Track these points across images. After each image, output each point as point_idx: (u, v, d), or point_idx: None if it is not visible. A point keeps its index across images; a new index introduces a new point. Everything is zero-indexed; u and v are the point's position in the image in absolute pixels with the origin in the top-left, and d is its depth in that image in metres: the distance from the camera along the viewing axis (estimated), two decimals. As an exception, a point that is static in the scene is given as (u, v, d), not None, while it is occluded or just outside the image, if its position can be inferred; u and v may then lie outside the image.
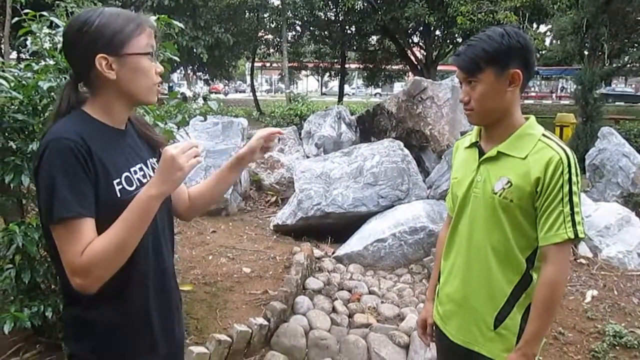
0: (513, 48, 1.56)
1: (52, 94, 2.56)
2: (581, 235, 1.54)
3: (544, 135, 1.62)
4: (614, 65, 19.61)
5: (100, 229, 1.28)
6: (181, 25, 3.13)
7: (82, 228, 1.25)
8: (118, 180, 1.35)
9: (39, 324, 2.71)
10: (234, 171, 1.70)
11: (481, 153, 1.72)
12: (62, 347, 2.90)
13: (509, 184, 1.60)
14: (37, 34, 2.80)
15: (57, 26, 2.81)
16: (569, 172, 1.53)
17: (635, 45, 21.55)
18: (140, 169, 1.45)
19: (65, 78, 2.57)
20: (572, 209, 1.53)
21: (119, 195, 1.34)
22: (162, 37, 3.15)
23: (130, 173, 1.40)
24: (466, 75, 1.63)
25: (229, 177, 1.70)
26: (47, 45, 2.78)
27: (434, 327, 1.96)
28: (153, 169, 1.50)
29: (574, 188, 1.54)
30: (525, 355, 1.59)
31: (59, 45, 2.71)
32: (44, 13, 2.89)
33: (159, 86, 1.46)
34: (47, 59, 2.72)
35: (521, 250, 1.63)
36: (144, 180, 1.42)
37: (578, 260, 4.46)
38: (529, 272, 1.65)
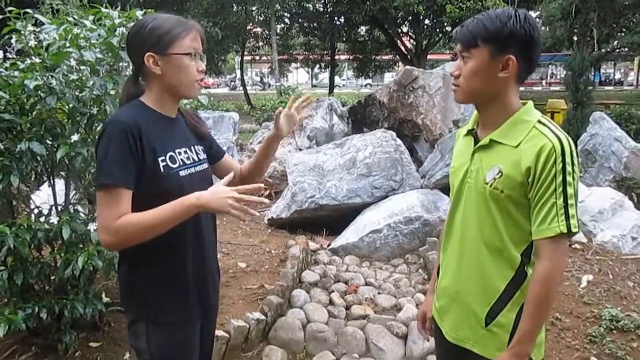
0: (516, 34, 1.48)
1: (39, 92, 2.52)
2: (574, 230, 1.44)
3: (539, 121, 1.53)
4: (603, 50, 19.66)
5: (144, 197, 1.55)
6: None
7: (119, 196, 1.51)
8: (163, 157, 1.61)
9: (34, 325, 2.69)
10: (271, 148, 1.98)
11: (476, 141, 1.65)
12: (56, 348, 2.89)
13: (500, 174, 1.53)
14: (22, 32, 2.75)
15: (42, 23, 2.77)
16: (563, 160, 1.44)
17: (624, 30, 21.63)
18: (185, 152, 1.70)
19: (52, 76, 2.54)
20: (565, 200, 1.44)
21: (162, 170, 1.60)
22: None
23: (175, 153, 1.65)
24: (462, 47, 1.56)
25: (268, 154, 1.99)
26: (32, 43, 2.73)
27: (433, 321, 1.90)
28: (197, 153, 1.76)
29: (569, 178, 1.44)
30: (517, 355, 1.51)
31: (45, 43, 2.67)
32: (29, 10, 2.84)
33: (200, 82, 1.68)
34: (33, 57, 2.67)
35: (515, 245, 1.56)
36: (187, 162, 1.69)
37: (573, 246, 4.47)
38: (524, 268, 1.56)
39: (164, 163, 1.61)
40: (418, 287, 4.10)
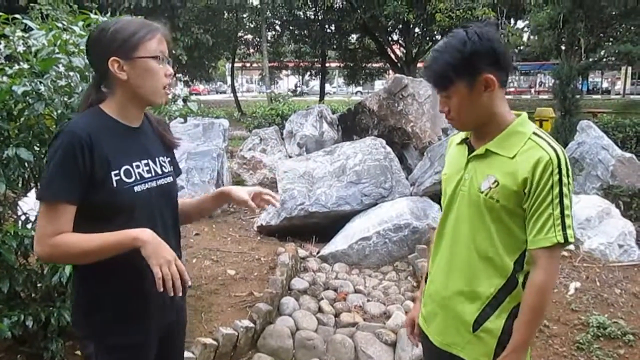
0: (479, 53, 1.48)
1: (27, 98, 2.50)
2: (571, 240, 1.48)
3: (534, 133, 1.55)
4: (591, 59, 19.88)
5: (92, 210, 1.48)
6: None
7: (59, 212, 1.44)
8: (117, 172, 1.51)
9: (19, 333, 2.66)
10: (216, 203, 1.87)
11: (470, 150, 1.66)
12: (43, 357, 2.85)
13: (496, 184, 1.54)
14: (11, 38, 2.73)
15: (31, 29, 2.76)
16: (559, 172, 1.47)
17: (611, 39, 21.91)
18: (146, 164, 1.60)
19: (40, 82, 2.53)
20: (562, 211, 1.47)
21: (114, 185, 1.50)
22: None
23: (132, 166, 1.55)
24: (437, 90, 1.58)
25: (212, 207, 1.90)
26: (20, 48, 2.72)
27: (419, 328, 1.90)
28: (161, 165, 1.66)
29: (565, 190, 1.47)
30: None
31: (33, 49, 2.66)
32: (17, 16, 2.83)
33: (168, 88, 1.60)
34: (21, 63, 2.66)
35: (508, 253, 1.57)
36: (146, 175, 1.59)
37: (561, 253, 4.50)
38: (514, 276, 1.58)
39: (117, 177, 1.51)
40: (407, 295, 4.11)
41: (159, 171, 1.64)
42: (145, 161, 1.60)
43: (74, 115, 1.63)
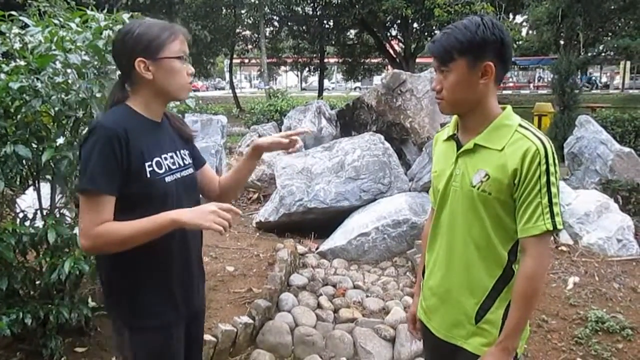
0: (488, 40, 1.53)
1: (24, 95, 2.50)
2: (559, 227, 1.52)
3: (520, 125, 1.60)
4: (589, 54, 19.85)
5: (128, 201, 1.56)
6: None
7: (101, 202, 1.52)
8: (149, 163, 1.60)
9: (18, 331, 2.66)
10: (252, 159, 1.93)
11: (459, 146, 1.69)
12: (42, 354, 2.86)
13: (487, 177, 1.58)
14: (7, 35, 2.72)
15: (28, 26, 2.75)
16: (547, 162, 1.51)
17: (610, 34, 21.85)
18: (171, 156, 1.70)
19: (37, 79, 2.52)
20: (550, 200, 1.51)
21: (148, 175, 1.59)
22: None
23: (161, 158, 1.65)
24: (439, 63, 1.60)
25: (249, 166, 1.95)
26: (17, 45, 2.71)
27: (420, 322, 1.93)
28: (182, 157, 1.76)
29: (552, 178, 1.51)
30: (505, 349, 1.57)
31: (30, 46, 2.65)
32: (14, 13, 2.82)
33: (190, 85, 1.70)
34: (18, 60, 2.65)
35: (502, 244, 1.61)
36: (173, 167, 1.68)
37: (559, 248, 4.50)
38: (511, 266, 1.63)
39: (151, 168, 1.60)
40: (406, 290, 4.11)
41: (182, 163, 1.74)
42: (171, 153, 1.71)
43: (100, 113, 1.74)
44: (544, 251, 1.56)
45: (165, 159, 1.67)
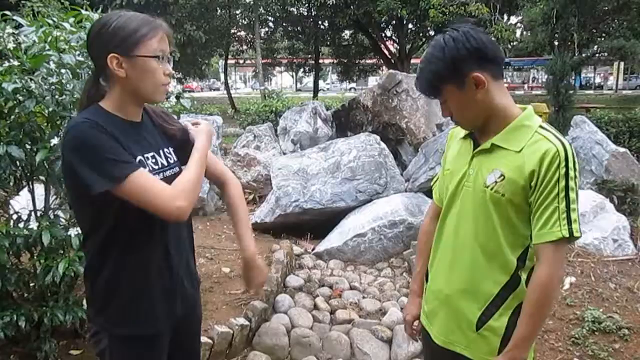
0: (458, 57, 1.48)
1: (18, 95, 2.47)
2: (577, 234, 1.44)
3: (541, 126, 1.53)
4: (584, 55, 19.93)
5: (105, 200, 1.42)
6: None
7: (146, 174, 1.45)
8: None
9: (12, 334, 2.64)
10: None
11: (476, 145, 1.63)
12: (36, 357, 2.83)
13: (502, 177, 1.51)
14: (0, 35, 2.70)
15: (21, 26, 2.72)
16: (566, 165, 1.44)
17: (604, 35, 21.94)
18: (152, 156, 1.60)
19: (31, 79, 2.50)
20: (567, 205, 1.43)
21: None
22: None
23: (143, 157, 1.55)
24: (433, 98, 1.60)
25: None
26: (10, 45, 2.68)
27: (421, 327, 1.87)
28: (166, 157, 1.66)
29: (571, 183, 1.44)
30: (513, 359, 1.51)
31: (23, 46, 2.63)
32: (7, 13, 2.79)
33: (167, 86, 1.59)
34: (12, 60, 2.62)
35: (512, 249, 1.54)
36: (155, 167, 1.58)
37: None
38: (518, 273, 1.55)
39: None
40: (403, 291, 4.10)
41: (165, 163, 1.64)
42: (152, 154, 1.60)
43: (78, 114, 1.55)
44: (559, 259, 1.48)
45: (147, 158, 1.57)
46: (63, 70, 2.64)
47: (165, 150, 1.67)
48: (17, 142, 2.50)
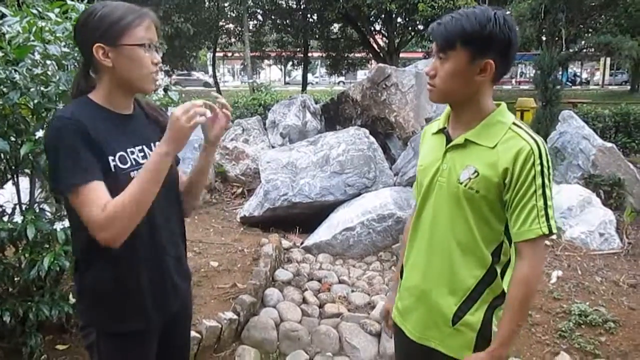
0: (495, 37, 1.44)
1: (2, 87, 2.43)
2: (554, 231, 1.47)
3: (514, 123, 1.53)
4: (571, 50, 20.07)
5: None
6: None
7: (94, 190, 1.40)
8: (112, 157, 1.48)
9: (-4, 329, 2.60)
10: (206, 154, 1.77)
11: (448, 140, 1.62)
12: (22, 352, 2.80)
13: (476, 174, 1.51)
14: (-17, 25, 2.64)
15: (5, 16, 2.67)
16: (541, 163, 1.45)
17: (591, 30, 22.12)
18: (141, 150, 1.57)
19: (15, 70, 2.45)
20: (545, 202, 1.45)
21: (112, 170, 1.47)
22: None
23: (126, 153, 1.52)
24: (438, 47, 1.52)
25: (205, 160, 1.78)
26: (-6, 36, 2.63)
27: (394, 323, 1.87)
28: None
29: (546, 180, 1.45)
30: (498, 358, 1.51)
31: (7, 36, 2.58)
32: (-10, 2, 2.74)
33: (156, 75, 1.55)
34: (-5, 51, 2.57)
35: (486, 244, 1.55)
36: (142, 161, 1.54)
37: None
38: (494, 267, 1.57)
39: (114, 163, 1.49)
40: (392, 285, 4.11)
41: None
42: (140, 147, 1.58)
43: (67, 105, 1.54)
44: (539, 256, 1.51)
45: (132, 152, 1.54)
46: (48, 62, 2.60)
47: (157, 143, 1.59)
48: (2, 134, 2.46)
